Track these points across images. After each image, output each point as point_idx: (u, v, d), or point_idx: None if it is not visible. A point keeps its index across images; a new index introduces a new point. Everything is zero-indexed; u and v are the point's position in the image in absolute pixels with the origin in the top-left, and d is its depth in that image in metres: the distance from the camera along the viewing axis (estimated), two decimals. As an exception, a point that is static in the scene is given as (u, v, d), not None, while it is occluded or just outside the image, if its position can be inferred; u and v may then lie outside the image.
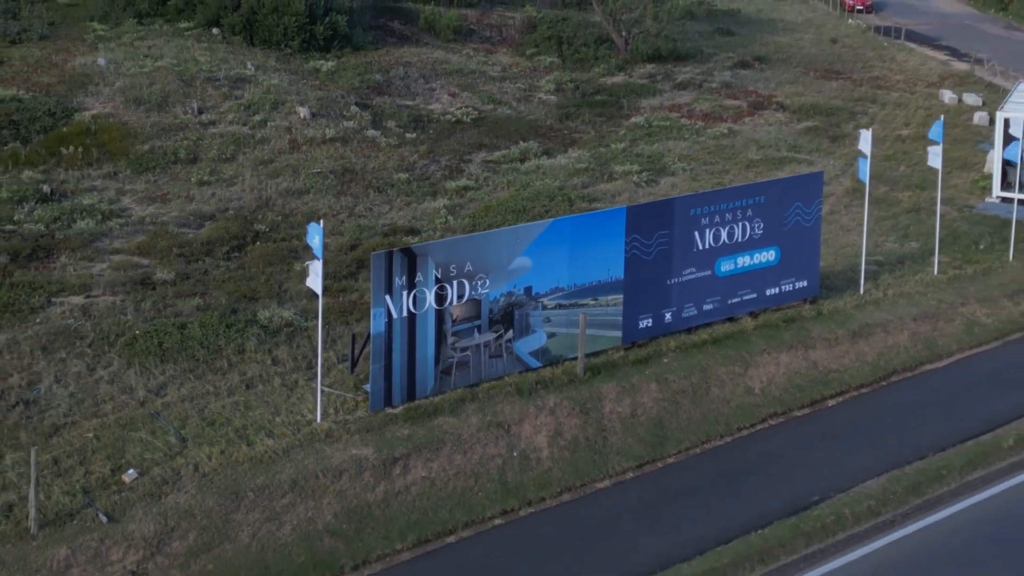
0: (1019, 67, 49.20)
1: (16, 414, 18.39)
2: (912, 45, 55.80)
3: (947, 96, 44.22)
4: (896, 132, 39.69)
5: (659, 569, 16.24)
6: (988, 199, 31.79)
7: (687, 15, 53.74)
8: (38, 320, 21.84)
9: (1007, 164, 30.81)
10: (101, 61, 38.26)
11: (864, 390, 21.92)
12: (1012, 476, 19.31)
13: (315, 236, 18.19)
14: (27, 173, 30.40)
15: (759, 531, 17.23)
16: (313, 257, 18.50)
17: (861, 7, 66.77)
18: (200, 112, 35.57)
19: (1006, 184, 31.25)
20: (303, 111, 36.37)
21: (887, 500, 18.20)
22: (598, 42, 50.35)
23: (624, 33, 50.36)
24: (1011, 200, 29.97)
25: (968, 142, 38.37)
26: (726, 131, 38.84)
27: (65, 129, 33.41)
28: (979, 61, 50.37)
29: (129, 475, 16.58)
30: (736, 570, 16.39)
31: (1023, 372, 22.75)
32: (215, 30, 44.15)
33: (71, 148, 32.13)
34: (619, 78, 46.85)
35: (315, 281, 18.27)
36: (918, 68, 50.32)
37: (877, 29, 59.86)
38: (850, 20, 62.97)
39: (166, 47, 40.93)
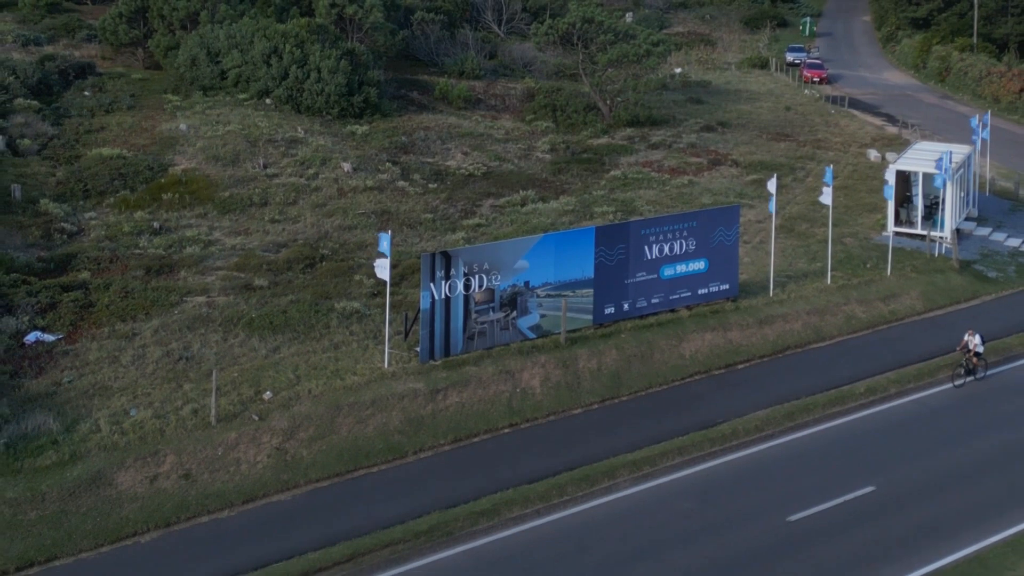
0: (941, 130, 58.12)
1: (182, 364, 27.34)
2: (855, 112, 64.59)
3: (873, 155, 53.25)
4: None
5: (612, 456, 25.07)
6: (884, 233, 40.72)
7: (663, 87, 62.40)
8: (176, 312, 30.75)
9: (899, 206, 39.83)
10: (183, 127, 47.51)
11: (765, 359, 30.83)
12: (860, 411, 28.17)
13: (384, 241, 27.17)
14: (138, 214, 39.44)
15: (680, 437, 26.11)
16: (383, 256, 27.44)
17: (817, 79, 74.99)
18: (265, 167, 44.68)
19: (899, 222, 40.29)
20: (346, 166, 45.44)
21: (769, 422, 27.08)
22: (586, 109, 59.09)
23: (608, 102, 59.18)
24: (900, 233, 39.07)
25: (882, 191, 47.30)
26: (687, 182, 47.85)
27: (162, 180, 42.50)
28: (906, 125, 59.38)
29: (267, 395, 25.45)
30: (662, 458, 25.21)
31: (882, 348, 31.64)
32: (267, 100, 53.40)
33: (169, 194, 41.19)
34: (603, 140, 55.75)
35: (384, 272, 27.22)
36: (856, 132, 59.33)
37: (828, 98, 68.87)
38: (806, 91, 71.72)
39: (231, 114, 50.16)
